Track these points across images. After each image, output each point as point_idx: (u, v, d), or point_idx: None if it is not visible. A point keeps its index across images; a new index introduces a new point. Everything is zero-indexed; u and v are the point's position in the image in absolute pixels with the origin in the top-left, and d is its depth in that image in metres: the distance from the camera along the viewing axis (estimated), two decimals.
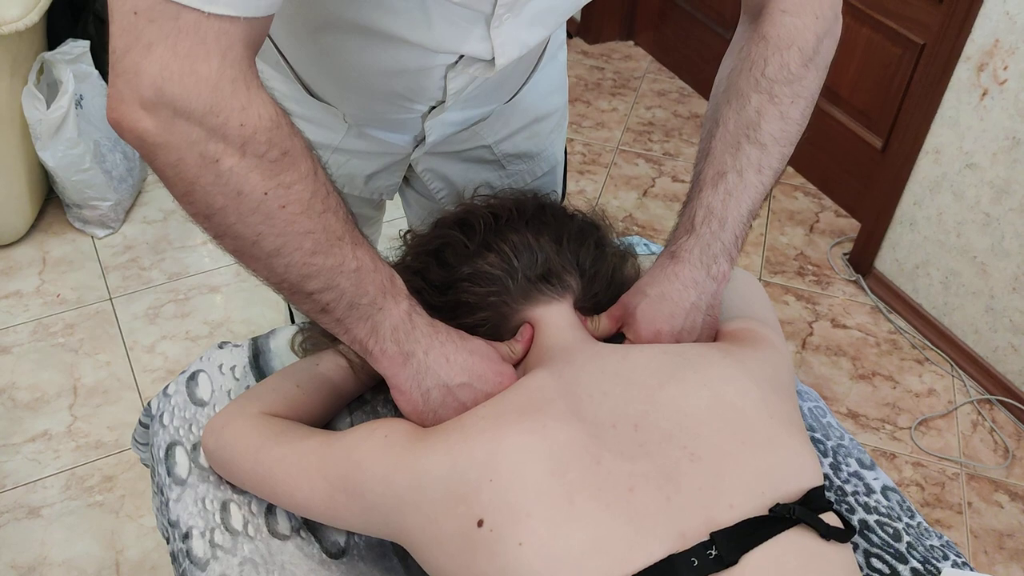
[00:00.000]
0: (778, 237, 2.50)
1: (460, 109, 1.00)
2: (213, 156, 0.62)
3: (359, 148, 1.05)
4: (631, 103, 3.06)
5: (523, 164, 1.16)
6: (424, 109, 0.96)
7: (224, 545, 0.83)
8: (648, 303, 0.85)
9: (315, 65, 0.94)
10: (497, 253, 0.86)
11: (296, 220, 0.66)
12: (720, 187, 0.83)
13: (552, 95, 1.14)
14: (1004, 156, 1.89)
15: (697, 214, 0.84)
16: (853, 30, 2.38)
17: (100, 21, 2.33)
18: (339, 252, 0.70)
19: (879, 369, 2.11)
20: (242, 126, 0.61)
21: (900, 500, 0.95)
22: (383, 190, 1.14)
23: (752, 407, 0.74)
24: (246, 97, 0.62)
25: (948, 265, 2.11)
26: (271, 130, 0.63)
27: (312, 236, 0.68)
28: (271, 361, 1.01)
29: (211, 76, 0.59)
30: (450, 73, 0.87)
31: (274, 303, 2.14)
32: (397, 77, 0.88)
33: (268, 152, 0.63)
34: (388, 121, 1.00)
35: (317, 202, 0.67)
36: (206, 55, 0.59)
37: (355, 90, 0.94)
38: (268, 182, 0.64)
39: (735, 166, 0.82)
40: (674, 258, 0.85)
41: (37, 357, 1.98)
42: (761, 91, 0.82)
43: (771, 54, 0.82)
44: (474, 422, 0.73)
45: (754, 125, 0.82)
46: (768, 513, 0.67)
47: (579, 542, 0.64)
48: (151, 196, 2.46)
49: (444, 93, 0.91)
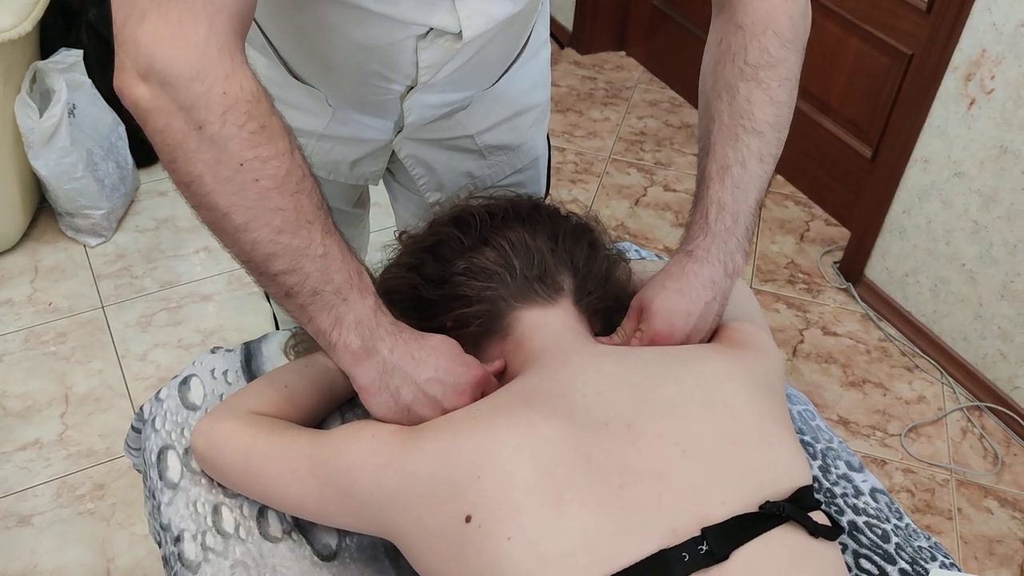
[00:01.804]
0: (769, 245, 2.51)
1: (439, 92, 1.01)
2: (196, 122, 0.65)
3: (343, 134, 1.06)
4: (623, 113, 3.07)
5: (503, 155, 1.17)
6: (400, 89, 0.97)
7: (216, 548, 0.83)
8: (667, 297, 0.85)
9: (296, 45, 0.96)
10: (494, 248, 0.87)
11: (268, 195, 0.69)
12: (727, 181, 0.84)
13: (534, 90, 1.16)
14: (991, 165, 1.91)
15: (710, 211, 0.84)
16: (842, 41, 2.40)
17: (93, 30, 2.33)
18: (307, 235, 0.71)
19: (869, 376, 2.12)
20: (224, 94, 0.65)
21: (888, 502, 0.96)
22: (368, 176, 1.15)
23: (744, 407, 0.75)
24: (230, 66, 0.66)
25: (937, 273, 2.12)
26: (251, 103, 0.67)
27: (282, 214, 0.69)
28: (263, 365, 1.01)
29: (199, 42, 0.64)
30: (420, 46, 0.88)
31: (266, 312, 2.14)
32: (370, 53, 0.90)
33: (247, 123, 0.67)
34: (368, 104, 1.02)
35: (291, 181, 0.70)
36: (194, 21, 0.64)
37: (333, 70, 0.96)
38: (245, 152, 0.67)
39: (737, 158, 0.84)
40: (692, 256, 0.85)
41: (28, 365, 1.98)
42: (747, 79, 0.84)
43: (749, 41, 0.84)
44: (464, 420, 0.73)
45: (747, 114, 0.84)
46: (759, 510, 0.68)
47: (568, 537, 0.65)
48: (143, 205, 2.47)
49: (417, 70, 0.92)
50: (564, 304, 0.87)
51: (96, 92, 2.28)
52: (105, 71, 2.37)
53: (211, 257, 2.31)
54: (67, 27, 2.36)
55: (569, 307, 0.87)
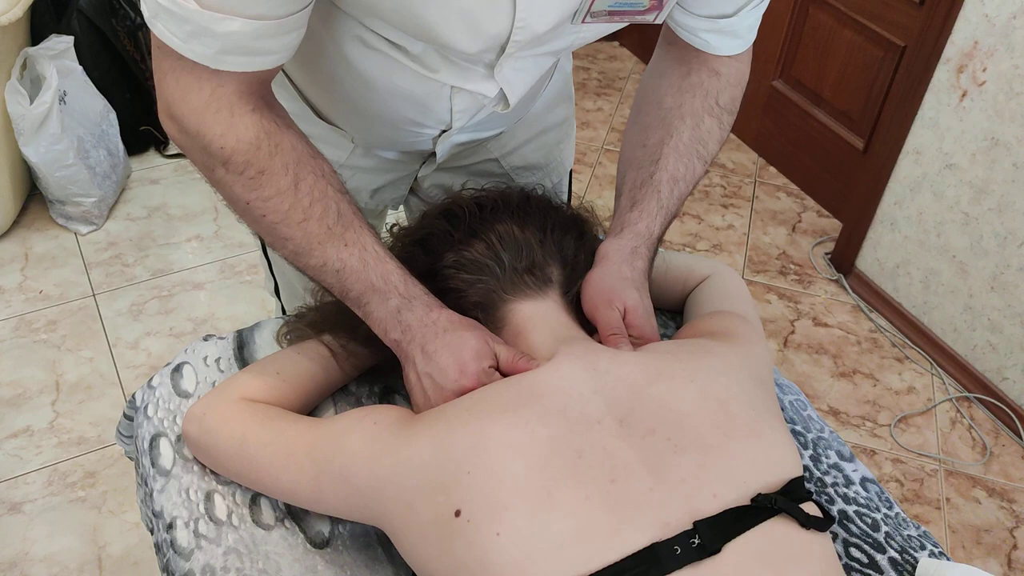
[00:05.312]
0: (760, 237, 2.52)
1: (470, 132, 1.02)
2: (209, 166, 0.75)
3: (365, 165, 1.07)
4: (616, 103, 3.07)
5: (532, 175, 1.17)
6: (433, 133, 0.98)
7: (208, 535, 0.83)
8: (635, 296, 0.89)
9: (325, 91, 0.97)
10: (483, 241, 0.87)
11: (275, 227, 0.77)
12: (674, 192, 0.95)
13: (558, 106, 1.15)
14: (983, 157, 1.92)
15: (659, 217, 0.94)
16: (835, 32, 2.40)
17: (84, 17, 2.32)
18: (320, 255, 0.78)
19: (860, 367, 2.13)
20: (222, 148, 0.73)
21: (879, 491, 0.96)
22: (388, 202, 1.16)
23: (735, 400, 0.75)
24: (227, 124, 0.73)
25: (928, 264, 2.13)
26: (248, 152, 0.74)
27: (292, 242, 0.78)
28: (256, 353, 1.01)
29: (199, 106, 0.72)
30: (455, 94, 0.90)
31: (258, 300, 2.14)
32: (404, 101, 0.91)
33: (246, 171, 0.74)
34: (398, 144, 1.03)
35: (295, 213, 0.77)
36: (199, 89, 0.72)
37: (365, 116, 0.96)
38: (248, 194, 0.76)
39: (684, 176, 0.95)
40: (636, 254, 0.92)
41: (19, 353, 1.97)
42: (714, 116, 0.96)
43: (723, 88, 0.96)
44: (457, 414, 0.73)
45: (704, 143, 0.96)
46: (750, 503, 0.68)
47: (558, 532, 0.65)
48: (135, 193, 2.46)
49: (451, 116, 0.93)
50: (553, 296, 0.87)
51: (87, 79, 2.27)
52: (97, 58, 2.37)
53: (203, 245, 2.31)
54: (58, 13, 2.34)
55: (558, 298, 0.87)
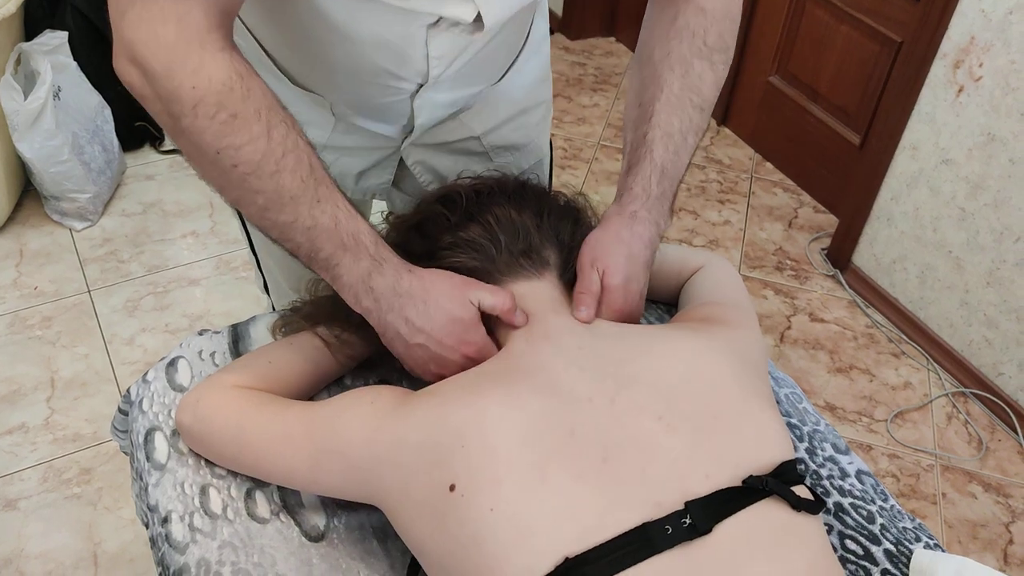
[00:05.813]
0: (757, 232, 2.52)
1: (448, 90, 1.00)
2: (175, 114, 0.70)
3: (348, 144, 1.05)
4: (612, 99, 3.07)
5: (510, 155, 1.17)
6: (411, 88, 0.96)
7: (203, 529, 0.83)
8: (621, 264, 0.86)
9: (296, 49, 0.94)
10: (480, 224, 0.88)
11: (246, 179, 0.73)
12: (670, 147, 0.89)
13: (537, 87, 1.15)
14: (979, 152, 1.92)
15: (653, 175, 0.89)
16: (832, 27, 2.40)
17: (78, 12, 2.31)
18: (292, 210, 0.75)
19: (856, 362, 2.13)
20: (193, 88, 0.69)
21: (874, 484, 0.96)
22: (374, 189, 1.14)
23: (725, 381, 0.76)
24: (199, 59, 0.69)
25: (924, 260, 2.13)
26: (221, 93, 0.70)
27: (263, 195, 0.74)
28: (251, 347, 1.00)
29: (168, 39, 0.68)
30: (431, 36, 0.87)
31: (254, 296, 2.14)
32: (378, 49, 0.89)
33: (217, 114, 0.70)
34: (377, 108, 1.00)
35: (268, 163, 0.73)
36: (163, 20, 0.67)
37: (338, 71, 0.94)
38: (218, 142, 0.71)
39: (680, 128, 0.89)
40: (635, 219, 0.89)
41: (14, 349, 1.97)
42: (703, 58, 0.90)
43: (710, 24, 0.90)
44: (451, 390, 0.74)
45: (697, 89, 0.90)
46: (742, 484, 0.68)
47: (551, 509, 0.65)
48: (130, 189, 2.45)
49: (428, 63, 0.92)
50: (550, 277, 0.88)
51: (81, 75, 2.26)
52: (91, 53, 2.36)
53: (198, 241, 2.30)
54: (52, 9, 2.33)
55: (555, 280, 0.88)
